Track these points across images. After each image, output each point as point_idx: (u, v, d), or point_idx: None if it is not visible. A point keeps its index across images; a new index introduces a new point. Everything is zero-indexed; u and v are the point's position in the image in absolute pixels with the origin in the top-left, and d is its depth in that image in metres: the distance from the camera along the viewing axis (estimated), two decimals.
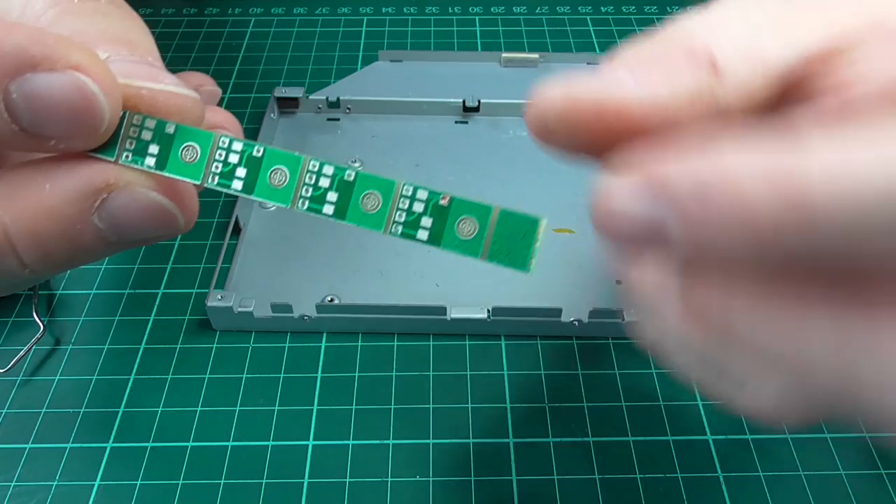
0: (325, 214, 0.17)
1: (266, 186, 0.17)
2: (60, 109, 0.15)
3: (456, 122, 0.42)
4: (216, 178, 0.17)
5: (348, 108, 0.42)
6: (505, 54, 0.44)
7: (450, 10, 0.52)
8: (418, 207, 0.17)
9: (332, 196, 0.17)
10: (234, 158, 0.17)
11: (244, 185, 0.17)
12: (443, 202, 0.17)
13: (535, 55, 0.43)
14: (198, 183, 0.17)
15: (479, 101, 0.41)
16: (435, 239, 0.17)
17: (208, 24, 0.51)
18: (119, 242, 0.17)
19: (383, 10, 0.52)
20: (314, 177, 0.17)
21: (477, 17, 0.51)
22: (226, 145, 0.17)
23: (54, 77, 0.15)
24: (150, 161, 0.17)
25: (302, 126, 0.41)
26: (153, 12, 0.52)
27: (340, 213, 0.17)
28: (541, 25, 0.50)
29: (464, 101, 0.41)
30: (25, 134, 0.15)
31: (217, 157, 0.17)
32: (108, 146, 0.16)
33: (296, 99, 0.41)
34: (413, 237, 0.17)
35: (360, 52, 0.48)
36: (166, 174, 0.17)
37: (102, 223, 0.16)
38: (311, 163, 0.17)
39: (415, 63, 0.44)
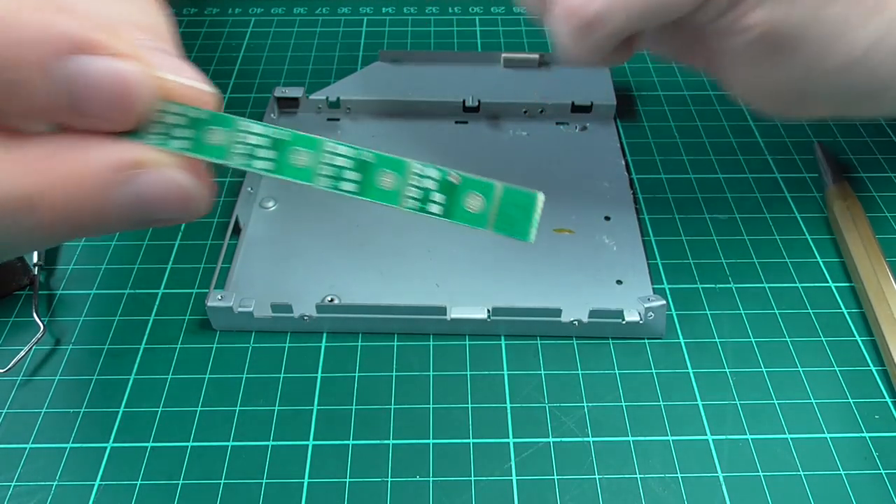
0: (345, 191, 0.18)
1: (288, 166, 0.18)
2: (103, 92, 0.16)
3: (456, 123, 0.42)
4: (239, 158, 0.18)
5: (348, 109, 0.42)
6: (505, 54, 0.44)
7: (450, 11, 0.52)
8: (430, 185, 0.19)
9: (351, 175, 0.18)
10: (256, 140, 0.18)
11: (267, 166, 0.18)
12: (453, 179, 0.19)
13: (535, 55, 0.43)
14: (223, 161, 0.18)
15: (478, 102, 0.41)
16: (447, 213, 0.19)
17: (208, 24, 0.51)
18: (141, 219, 0.18)
19: (383, 10, 0.52)
20: (333, 157, 0.18)
21: (477, 17, 0.51)
22: (248, 128, 0.18)
23: (100, 62, 0.16)
24: (178, 144, 0.18)
25: (302, 126, 0.41)
26: None
27: (360, 191, 0.18)
28: (541, 25, 0.50)
29: (464, 102, 0.41)
30: (68, 109, 0.16)
31: (240, 138, 0.18)
32: (139, 129, 0.17)
33: (296, 99, 0.41)
34: (426, 211, 0.19)
35: (360, 52, 0.48)
36: (193, 155, 0.18)
37: (129, 198, 0.17)
38: (329, 144, 0.18)
39: (415, 63, 0.44)
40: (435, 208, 0.19)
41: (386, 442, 0.28)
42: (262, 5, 0.53)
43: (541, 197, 0.19)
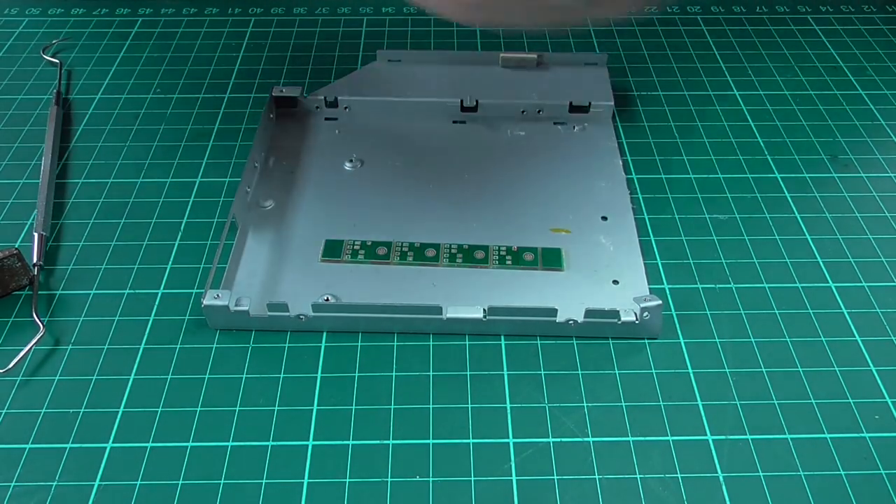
0: (457, 263, 0.33)
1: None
2: None
3: (454, 122, 0.42)
4: None
5: (346, 108, 0.42)
6: (503, 54, 0.44)
7: None
8: (503, 252, 0.33)
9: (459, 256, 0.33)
10: None
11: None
12: (514, 249, 0.33)
13: (533, 55, 0.43)
14: None
15: (476, 102, 0.41)
16: (515, 265, 0.33)
17: (208, 24, 0.51)
18: None
19: (383, 10, 0.52)
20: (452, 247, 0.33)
21: None
22: None
23: None
24: None
25: (300, 126, 0.41)
26: (153, 12, 0.52)
27: (463, 261, 0.33)
28: None
29: (461, 101, 0.41)
30: None
31: None
32: None
33: (294, 98, 0.41)
34: (504, 265, 0.33)
35: (360, 52, 0.48)
36: None
37: None
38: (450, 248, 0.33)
39: (413, 63, 0.44)
40: (509, 263, 0.33)
41: (386, 442, 0.28)
42: (261, 5, 0.53)
43: (563, 249, 0.34)
